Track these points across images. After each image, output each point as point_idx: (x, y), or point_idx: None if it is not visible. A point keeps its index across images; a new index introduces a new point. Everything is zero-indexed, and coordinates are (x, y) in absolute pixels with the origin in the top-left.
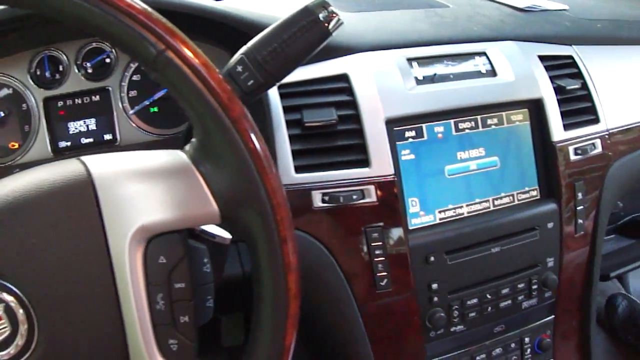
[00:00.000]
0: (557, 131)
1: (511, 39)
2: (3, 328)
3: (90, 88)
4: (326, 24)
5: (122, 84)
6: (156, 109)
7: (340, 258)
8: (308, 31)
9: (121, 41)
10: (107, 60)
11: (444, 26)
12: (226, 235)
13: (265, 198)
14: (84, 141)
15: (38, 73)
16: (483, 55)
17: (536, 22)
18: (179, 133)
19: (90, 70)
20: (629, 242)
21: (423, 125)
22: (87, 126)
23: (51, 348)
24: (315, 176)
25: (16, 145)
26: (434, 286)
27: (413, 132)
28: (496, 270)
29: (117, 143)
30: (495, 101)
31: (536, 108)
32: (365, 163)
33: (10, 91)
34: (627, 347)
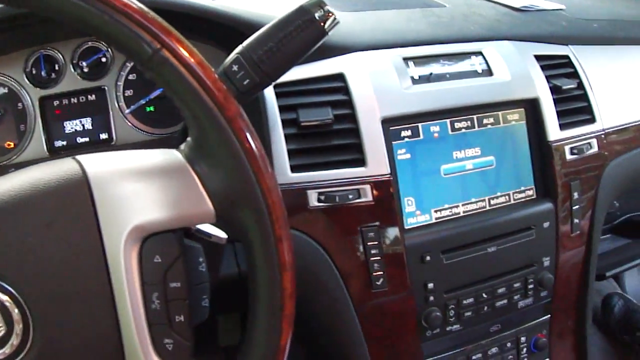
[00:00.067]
0: (553, 131)
1: (507, 39)
2: None
3: (86, 87)
4: (322, 23)
5: (118, 83)
6: (152, 109)
7: (336, 257)
8: (304, 30)
9: (117, 40)
10: (103, 59)
11: (441, 25)
12: (222, 234)
13: (260, 197)
14: (80, 140)
15: (34, 72)
16: (479, 54)
17: (532, 22)
18: (175, 132)
19: (86, 69)
20: (625, 242)
21: (419, 124)
22: (83, 125)
23: (46, 348)
24: (311, 175)
25: (12, 144)
26: (430, 285)
27: (409, 132)
28: (492, 269)
29: (113, 142)
30: (491, 101)
31: (532, 108)
32: (361, 162)
33: (5, 90)
34: (623, 347)
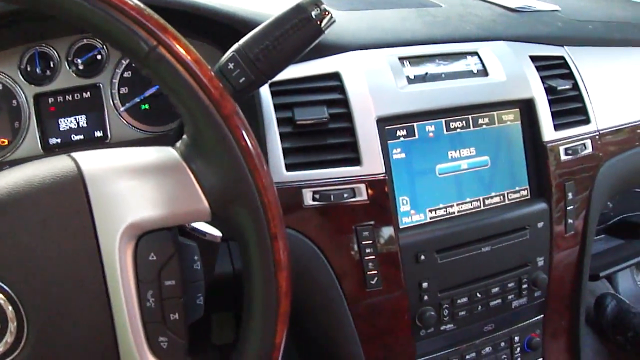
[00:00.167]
0: (548, 131)
1: (503, 39)
2: None
3: (81, 85)
4: (318, 22)
5: (113, 81)
6: (147, 106)
7: (330, 256)
8: (300, 29)
9: (113, 37)
10: (98, 56)
11: (436, 25)
12: (216, 233)
13: (256, 195)
14: (75, 138)
15: (28, 69)
16: (475, 54)
17: (528, 23)
18: (170, 130)
19: (81, 66)
20: (618, 242)
21: (414, 124)
22: (78, 123)
23: (40, 345)
24: (306, 174)
25: (6, 141)
26: (425, 285)
27: (404, 131)
28: (486, 269)
29: (108, 140)
30: (486, 101)
31: (527, 108)
32: (356, 161)
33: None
34: (616, 347)
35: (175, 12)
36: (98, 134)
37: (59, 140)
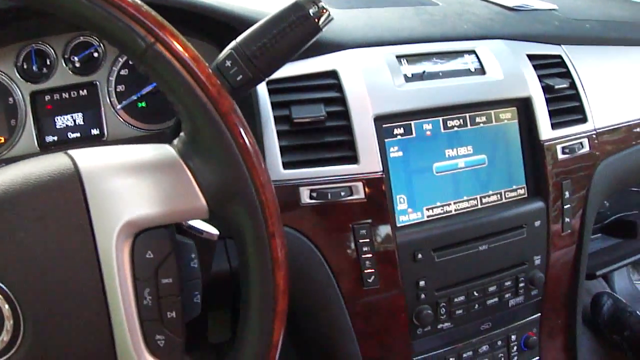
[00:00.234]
0: (545, 130)
1: (500, 38)
2: None
3: (77, 82)
4: (316, 20)
5: (110, 79)
6: (144, 104)
7: (327, 255)
8: (298, 27)
9: (110, 34)
10: (95, 54)
11: (434, 24)
12: (213, 231)
13: (253, 193)
14: (71, 136)
15: (25, 67)
16: (472, 53)
17: (525, 21)
18: (167, 128)
19: (77, 64)
20: (615, 242)
21: (412, 122)
22: (75, 121)
23: (37, 344)
24: (303, 172)
25: (2, 139)
26: (422, 283)
27: (401, 129)
28: (483, 267)
29: (105, 138)
30: (483, 99)
31: (524, 107)
32: (353, 160)
33: None
34: (612, 346)
35: (172, 10)
36: (95, 132)
37: (56, 138)
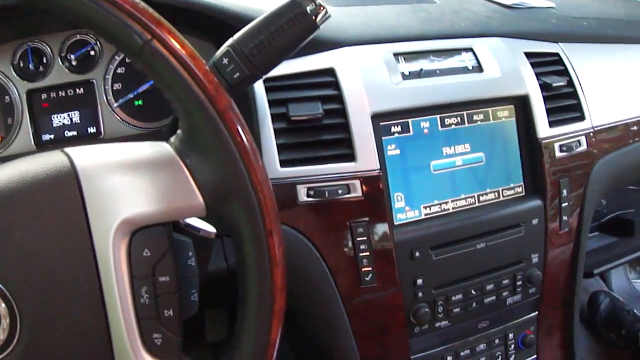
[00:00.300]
0: (543, 128)
1: (497, 36)
2: None
3: (74, 80)
4: (314, 17)
5: (107, 77)
6: (141, 102)
7: (325, 253)
8: (295, 24)
9: (107, 31)
10: (92, 52)
11: (431, 21)
12: (211, 229)
13: (251, 191)
14: (68, 134)
15: (21, 65)
16: (469, 51)
17: (522, 19)
18: (164, 126)
19: (74, 62)
20: (612, 240)
21: (409, 120)
22: (71, 119)
23: (34, 342)
24: (300, 170)
25: None
26: (419, 281)
27: (399, 127)
28: (481, 266)
29: (101, 136)
30: (481, 97)
31: (522, 104)
32: (350, 157)
33: None
34: (609, 345)
35: (168, 8)
36: (91, 130)
37: (52, 136)
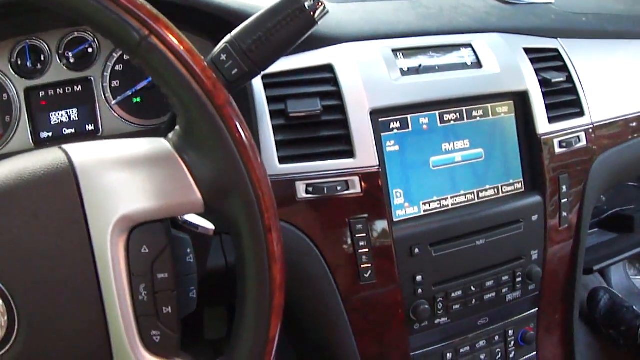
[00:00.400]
0: (542, 124)
1: (496, 31)
2: None
3: (72, 78)
4: (312, 13)
5: (105, 74)
6: (139, 99)
7: (324, 249)
8: (293, 20)
9: (104, 27)
10: (89, 49)
11: (430, 17)
12: (209, 225)
13: (250, 187)
14: (66, 132)
15: (19, 63)
16: (468, 47)
17: (521, 15)
18: (162, 123)
19: (72, 60)
20: (612, 236)
21: (408, 116)
22: (69, 116)
23: (32, 340)
24: (299, 167)
25: None
26: (419, 278)
27: (398, 123)
28: (480, 262)
29: (100, 134)
30: (480, 93)
31: (521, 100)
32: (349, 154)
33: None
34: (609, 341)
35: (166, 4)
36: (89, 128)
37: (50, 134)
